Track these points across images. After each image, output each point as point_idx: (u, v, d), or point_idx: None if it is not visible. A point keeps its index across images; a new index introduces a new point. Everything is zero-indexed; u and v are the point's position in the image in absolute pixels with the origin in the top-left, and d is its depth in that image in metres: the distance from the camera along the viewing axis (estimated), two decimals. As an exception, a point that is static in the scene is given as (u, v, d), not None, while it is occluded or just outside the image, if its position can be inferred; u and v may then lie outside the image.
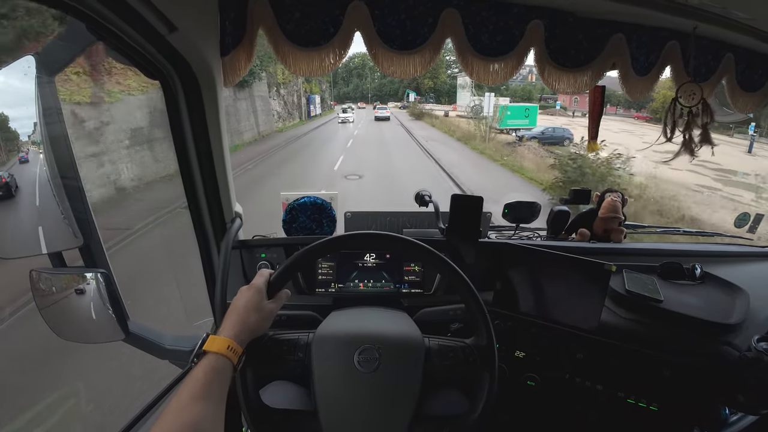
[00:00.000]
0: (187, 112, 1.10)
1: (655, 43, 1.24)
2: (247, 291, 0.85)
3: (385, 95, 76.71)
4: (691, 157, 1.31)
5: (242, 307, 0.82)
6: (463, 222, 1.29)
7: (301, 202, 1.42)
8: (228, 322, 0.80)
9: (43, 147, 0.94)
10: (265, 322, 0.84)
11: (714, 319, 1.15)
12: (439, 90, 65.44)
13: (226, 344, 0.75)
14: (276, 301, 0.88)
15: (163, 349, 1.11)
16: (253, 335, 0.82)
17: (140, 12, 0.83)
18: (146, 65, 1.01)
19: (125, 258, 4.83)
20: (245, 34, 1.12)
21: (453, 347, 0.92)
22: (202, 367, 0.71)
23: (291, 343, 0.88)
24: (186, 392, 0.67)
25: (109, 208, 6.95)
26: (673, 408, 1.14)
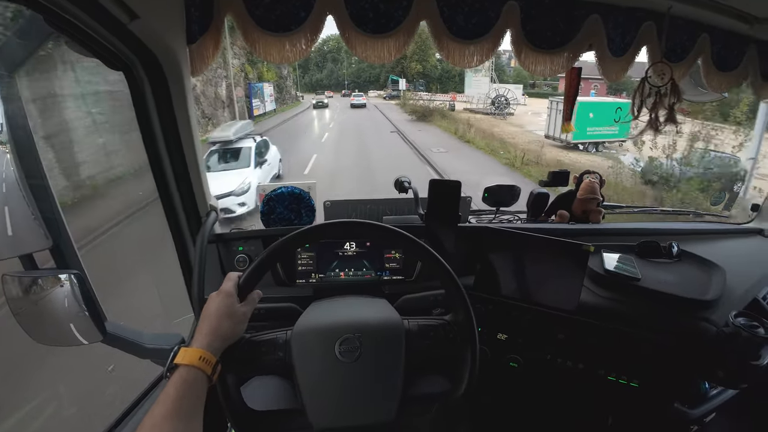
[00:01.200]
0: (154, 104, 1.09)
1: (631, 23, 1.27)
2: (216, 297, 0.84)
3: (364, 82, 66.11)
4: (655, 135, 1.34)
5: (213, 315, 0.81)
6: (441, 207, 1.31)
7: (278, 192, 1.42)
8: (199, 332, 0.79)
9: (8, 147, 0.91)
10: (238, 326, 0.84)
11: (691, 296, 1.20)
12: (429, 75, 55.45)
13: (197, 355, 0.74)
14: (248, 304, 0.87)
15: (143, 349, 1.11)
16: (227, 341, 0.81)
17: (98, 1, 0.81)
18: (108, 56, 0.99)
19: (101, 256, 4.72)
20: (212, 21, 1.10)
21: (433, 326, 0.94)
22: (173, 383, 0.70)
23: (270, 343, 0.88)
24: (158, 410, 0.67)
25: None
26: (654, 384, 1.20)
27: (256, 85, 24.47)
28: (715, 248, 1.58)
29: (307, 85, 69.36)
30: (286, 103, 35.76)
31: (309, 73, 70.97)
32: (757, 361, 1.08)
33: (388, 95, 47.62)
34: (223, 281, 0.88)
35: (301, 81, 69.21)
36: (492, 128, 19.86)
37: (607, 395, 1.25)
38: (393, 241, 0.98)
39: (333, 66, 69.69)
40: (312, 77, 71.39)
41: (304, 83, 68.12)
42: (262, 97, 24.90)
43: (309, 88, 68.24)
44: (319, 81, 71.54)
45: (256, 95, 23.99)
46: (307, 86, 68.86)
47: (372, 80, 66.35)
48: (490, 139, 16.73)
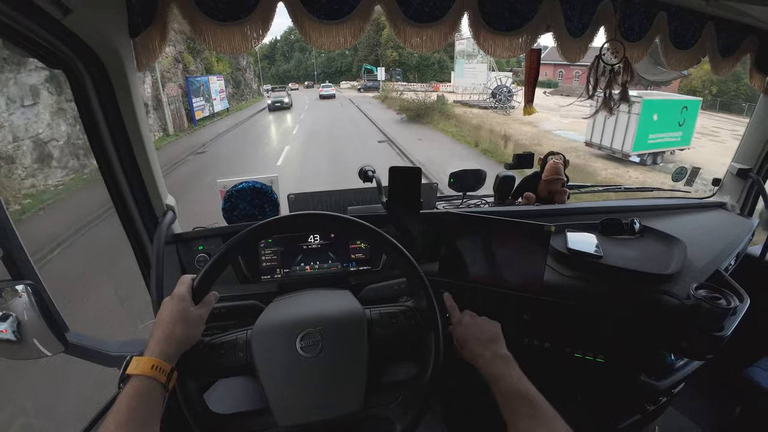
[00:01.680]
0: (98, 102, 1.05)
1: (588, 3, 1.27)
2: (169, 302, 0.83)
3: (335, 73, 62.86)
4: (609, 114, 1.37)
5: (166, 320, 0.79)
6: (402, 194, 1.31)
7: (240, 188, 1.39)
8: (152, 340, 0.77)
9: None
10: (193, 330, 0.83)
11: (652, 271, 1.24)
12: (406, 64, 50.55)
13: (150, 364, 0.72)
14: (203, 306, 0.86)
15: (108, 357, 1.10)
16: (183, 347, 0.80)
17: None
18: (45, 54, 0.95)
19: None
20: (156, 11, 1.05)
21: (394, 313, 0.96)
22: (125, 394, 0.69)
23: (229, 345, 0.88)
24: (110, 422, 0.66)
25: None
26: (619, 358, 1.25)
27: (197, 80, 19.15)
28: (677, 223, 1.63)
29: (273, 77, 66.79)
30: (245, 99, 31.46)
31: (276, 65, 68.30)
32: (720, 332, 1.12)
33: (363, 86, 43.05)
34: (176, 285, 0.86)
35: (268, 72, 65.39)
36: (503, 128, 15.54)
37: (574, 372, 1.29)
38: (354, 232, 0.97)
39: (301, 56, 66.15)
40: (279, 68, 68.47)
41: (270, 75, 66.41)
42: (207, 95, 19.93)
43: (276, 79, 65.28)
44: (287, 72, 68.43)
45: (197, 93, 18.78)
46: (274, 78, 66.49)
47: (344, 70, 63.31)
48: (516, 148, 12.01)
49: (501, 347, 0.97)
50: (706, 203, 1.93)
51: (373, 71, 43.90)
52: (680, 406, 1.86)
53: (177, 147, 13.51)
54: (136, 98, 1.11)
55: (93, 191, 7.55)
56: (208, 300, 0.87)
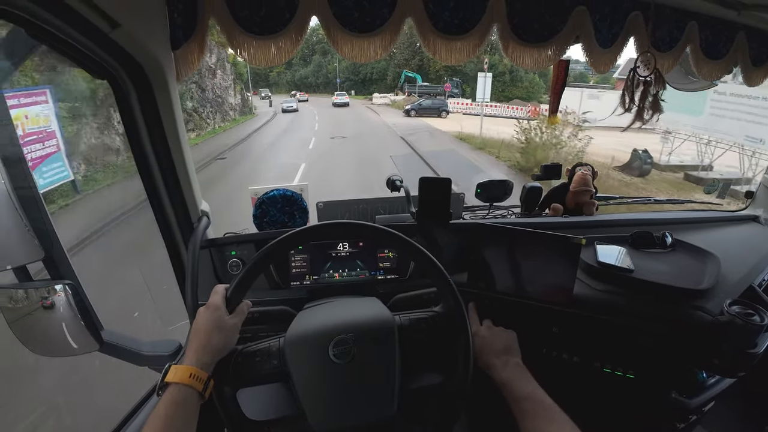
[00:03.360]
0: (140, 111, 1.08)
1: (618, 14, 1.25)
2: (205, 311, 0.85)
3: (364, 81, 50.44)
4: (641, 124, 1.34)
5: (202, 330, 0.81)
6: (432, 204, 1.30)
7: (271, 195, 1.40)
8: (190, 348, 0.79)
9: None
10: (229, 338, 0.84)
11: (685, 286, 1.19)
12: (463, 72, 37.87)
13: (188, 373, 0.74)
14: (237, 315, 0.87)
15: (140, 356, 1.11)
16: (219, 355, 0.82)
17: (78, 10, 0.81)
18: (92, 65, 0.98)
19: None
20: (196, 26, 1.08)
21: (424, 318, 0.96)
22: (163, 402, 0.71)
23: (263, 353, 0.88)
24: (149, 429, 0.67)
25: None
26: (650, 375, 1.19)
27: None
28: (709, 236, 1.57)
29: (289, 83, 58.30)
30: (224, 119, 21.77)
31: (292, 69, 58.38)
32: (754, 349, 1.07)
33: (416, 107, 26.56)
34: (211, 295, 0.88)
35: (282, 78, 58.24)
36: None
37: (603, 388, 1.24)
38: (383, 240, 0.98)
39: (321, 59, 55.25)
40: (295, 74, 58.06)
41: (285, 81, 58.70)
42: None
43: (292, 87, 56.38)
44: (304, 78, 57.32)
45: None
46: (289, 85, 58.14)
47: (375, 78, 50.40)
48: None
49: (514, 357, 1.01)
50: (739, 216, 1.85)
51: (416, 80, 36.62)
52: (710, 425, 1.76)
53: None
54: (176, 107, 1.14)
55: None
56: (242, 309, 0.89)
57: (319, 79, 56.62)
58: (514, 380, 0.93)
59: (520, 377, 0.95)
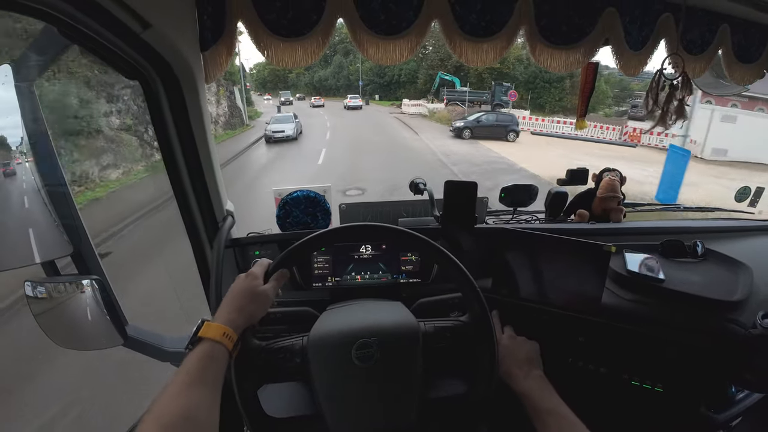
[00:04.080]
0: (169, 111, 1.09)
1: (649, 16, 1.21)
2: (244, 278, 0.86)
3: (390, 85, 43.34)
4: (664, 129, 1.30)
5: (238, 293, 0.83)
6: (457, 208, 1.28)
7: (294, 196, 1.41)
8: (223, 309, 0.80)
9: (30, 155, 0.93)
10: (262, 306, 0.85)
11: (717, 297, 1.14)
12: (511, 76, 31.79)
13: (221, 331, 0.75)
14: (273, 281, 0.88)
15: (163, 352, 1.11)
16: (250, 321, 0.82)
17: (111, 11, 0.82)
18: (123, 65, 0.99)
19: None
20: (225, 28, 1.08)
21: (449, 327, 0.94)
22: (196, 354, 0.72)
23: (286, 350, 0.87)
24: (180, 378, 0.67)
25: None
26: (679, 388, 1.15)
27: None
28: (741, 246, 1.50)
29: (308, 86, 53.83)
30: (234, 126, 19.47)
31: (311, 70, 52.14)
32: None
33: (470, 125, 18.23)
34: (254, 265, 0.89)
35: (302, 80, 54.77)
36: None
37: (630, 401, 1.19)
38: (408, 244, 0.97)
39: (343, 60, 48.83)
40: (314, 75, 52.11)
41: (304, 84, 54.56)
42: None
43: (311, 89, 52.44)
44: (323, 81, 51.24)
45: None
46: (308, 88, 53.83)
47: (403, 81, 42.46)
48: None
49: (536, 368, 0.99)
50: None
51: (454, 84, 29.55)
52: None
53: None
54: (204, 108, 1.15)
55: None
56: (279, 276, 0.89)
57: (340, 81, 49.90)
58: (536, 392, 0.92)
59: (542, 389, 0.93)
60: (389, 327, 0.91)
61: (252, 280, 0.85)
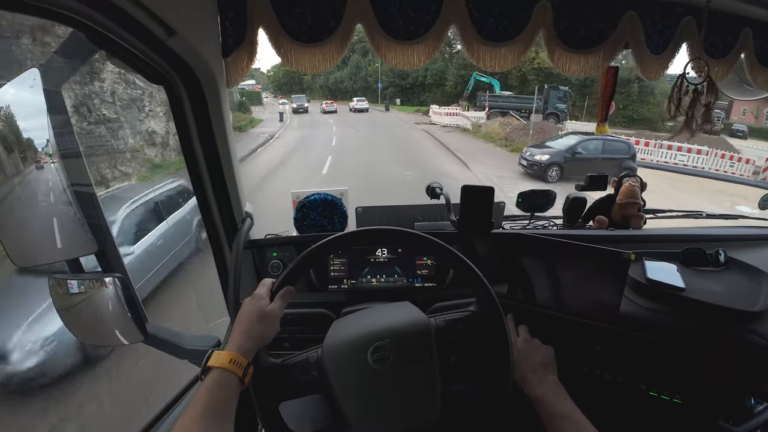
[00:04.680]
0: (192, 115, 1.11)
1: (670, 19, 1.19)
2: (250, 301, 0.87)
3: (414, 87, 37.86)
4: (690, 136, 1.26)
5: (245, 318, 0.83)
6: (474, 213, 1.27)
7: (312, 199, 1.41)
8: (233, 335, 0.81)
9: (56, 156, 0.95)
10: (270, 325, 0.85)
11: (739, 307, 1.10)
12: (560, 77, 22.21)
13: (228, 358, 0.76)
14: (278, 300, 0.88)
15: (181, 350, 1.13)
16: (260, 342, 0.83)
17: (137, 18, 0.83)
18: (148, 70, 1.01)
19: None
20: (246, 34, 1.10)
21: (460, 318, 0.95)
22: (206, 384, 0.73)
23: (302, 365, 0.87)
24: (190, 411, 0.69)
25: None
26: (698, 400, 1.11)
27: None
28: (764, 255, 1.45)
29: (323, 88, 47.91)
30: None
31: (327, 71, 30.16)
32: None
33: (558, 160, 11.34)
34: (258, 286, 0.89)
35: (317, 82, 48.24)
36: None
37: (647, 412, 1.16)
38: (424, 248, 0.97)
39: (360, 60, 42.08)
40: (329, 77, 45.93)
41: (319, 86, 48.61)
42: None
43: (326, 91, 46.82)
44: (339, 83, 45.17)
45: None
46: (323, 90, 47.82)
47: (429, 83, 36.63)
48: None
49: (551, 373, 0.98)
50: None
51: (493, 87, 24.26)
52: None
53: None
54: (226, 112, 1.16)
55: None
56: (285, 293, 0.89)
57: (357, 83, 43.29)
58: (551, 397, 0.91)
59: (556, 394, 0.92)
60: (401, 327, 0.91)
61: (257, 302, 0.86)
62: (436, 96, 34.77)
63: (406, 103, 37.77)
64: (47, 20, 0.77)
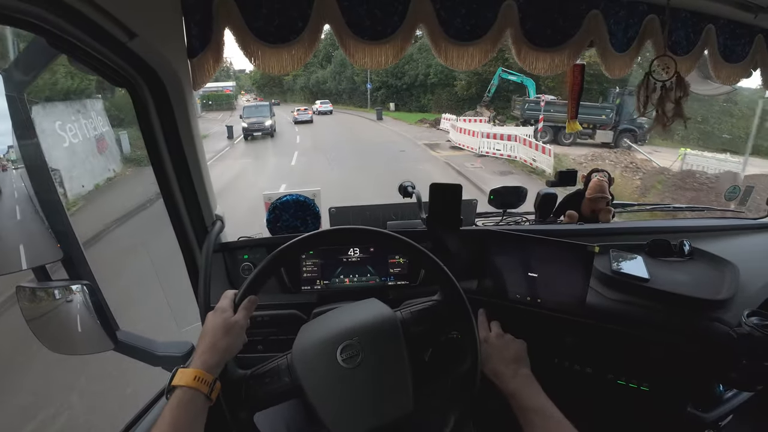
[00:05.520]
0: (157, 118, 1.08)
1: (633, 17, 1.20)
2: (212, 315, 0.84)
3: (410, 89, 30.09)
4: (663, 131, 1.29)
5: (209, 332, 0.81)
6: (442, 210, 1.27)
7: (284, 200, 1.40)
8: (197, 352, 0.79)
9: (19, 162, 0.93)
10: (236, 339, 0.83)
11: (703, 296, 1.13)
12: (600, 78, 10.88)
13: (193, 375, 0.74)
14: (242, 311, 0.86)
15: (154, 356, 1.11)
16: (227, 355, 0.81)
17: (97, 21, 0.81)
18: (110, 73, 0.98)
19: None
20: (212, 35, 1.08)
21: (426, 309, 0.95)
22: (170, 404, 0.71)
23: (272, 373, 0.86)
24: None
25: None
26: (665, 387, 1.14)
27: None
28: (729, 245, 1.49)
29: (303, 89, 41.61)
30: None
31: (308, 70, 39.05)
32: None
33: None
34: (220, 299, 0.87)
35: (298, 82, 42.10)
36: None
37: (617, 400, 1.19)
38: (390, 246, 0.97)
39: (345, 57, 7.02)
40: (310, 77, 39.52)
41: (299, 88, 42.60)
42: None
43: (307, 93, 40.41)
44: (321, 83, 38.37)
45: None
46: (304, 92, 41.44)
47: (433, 82, 28.12)
48: None
49: (523, 367, 0.98)
50: (760, 224, 1.74)
51: (525, 88, 18.20)
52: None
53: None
54: (192, 115, 1.14)
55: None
56: (246, 305, 0.87)
57: (342, 84, 35.96)
58: (524, 391, 0.92)
59: (529, 388, 0.92)
60: (368, 323, 0.91)
61: (220, 314, 0.84)
62: (441, 100, 27.63)
63: (402, 108, 30.20)
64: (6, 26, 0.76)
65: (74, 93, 7.99)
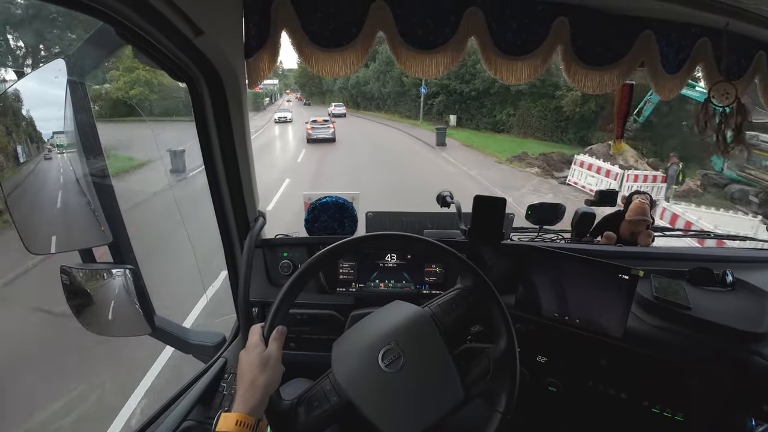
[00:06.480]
0: (212, 113, 1.10)
1: (686, 40, 1.19)
2: (245, 354, 0.82)
3: (481, 97, 21.14)
4: (727, 156, 1.26)
5: (246, 372, 0.79)
6: (485, 223, 1.25)
7: (323, 201, 1.41)
8: (237, 394, 0.77)
9: (76, 146, 0.95)
10: (273, 370, 0.80)
11: (744, 328, 1.09)
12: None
13: (234, 420, 0.72)
14: (273, 342, 0.83)
15: (187, 344, 1.11)
16: (268, 390, 0.78)
17: (167, 16, 0.83)
18: (173, 68, 1.01)
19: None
20: (269, 36, 1.10)
21: (452, 298, 0.94)
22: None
23: (318, 396, 0.84)
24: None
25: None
26: (699, 418, 1.09)
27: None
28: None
29: (342, 91, 36.41)
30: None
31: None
32: None
33: None
34: (248, 336, 0.85)
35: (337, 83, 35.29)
36: None
37: (649, 428, 1.14)
38: (431, 254, 0.96)
39: (392, 55, 4.67)
40: (349, 77, 21.68)
41: (338, 87, 36.87)
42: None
43: (345, 95, 35.63)
44: (361, 85, 31.72)
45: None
46: (342, 94, 36.33)
47: (522, 91, 18.76)
48: None
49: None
50: None
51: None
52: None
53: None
54: (245, 112, 1.16)
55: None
56: (277, 336, 0.84)
57: (387, 87, 27.97)
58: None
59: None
60: (401, 325, 0.89)
61: (252, 350, 0.81)
62: (529, 117, 19.51)
63: (467, 124, 22.31)
64: (77, 12, 0.78)
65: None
